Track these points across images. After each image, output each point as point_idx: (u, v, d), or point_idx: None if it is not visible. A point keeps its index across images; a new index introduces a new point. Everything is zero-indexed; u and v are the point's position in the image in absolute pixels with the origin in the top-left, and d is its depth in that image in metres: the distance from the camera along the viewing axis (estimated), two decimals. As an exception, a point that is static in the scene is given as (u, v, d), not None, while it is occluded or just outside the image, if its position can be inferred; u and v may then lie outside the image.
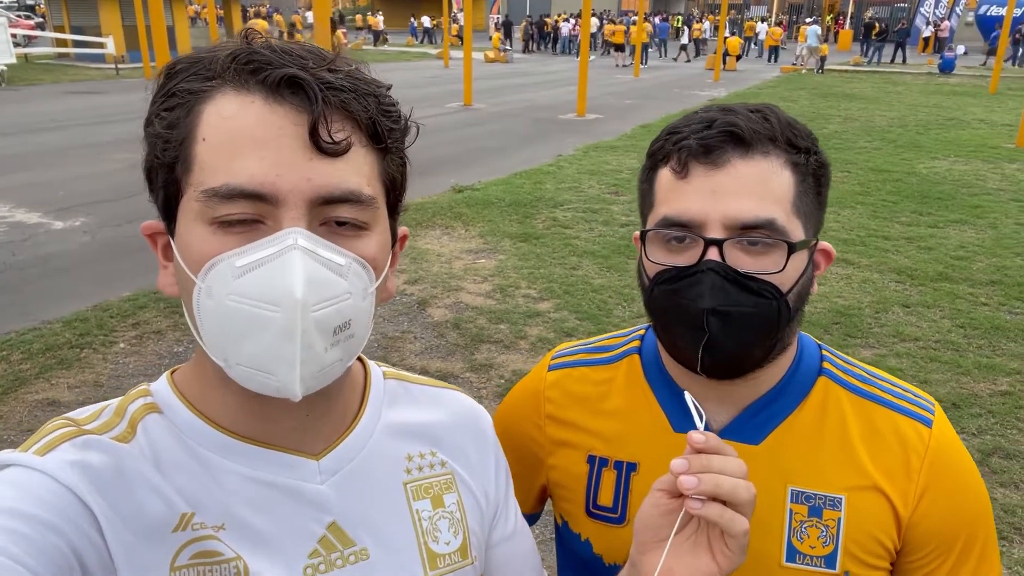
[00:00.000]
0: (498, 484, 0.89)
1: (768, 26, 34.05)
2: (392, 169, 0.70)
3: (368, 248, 0.67)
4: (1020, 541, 3.03)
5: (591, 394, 1.02)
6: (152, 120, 0.66)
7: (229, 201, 0.61)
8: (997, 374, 4.41)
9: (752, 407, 0.91)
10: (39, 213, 7.53)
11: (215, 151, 0.62)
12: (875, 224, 7.50)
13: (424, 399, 0.87)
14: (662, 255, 0.85)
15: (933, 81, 23.51)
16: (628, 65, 27.52)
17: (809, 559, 0.88)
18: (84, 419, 0.69)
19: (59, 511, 0.59)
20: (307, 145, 0.62)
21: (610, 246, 6.73)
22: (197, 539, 0.66)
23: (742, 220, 0.80)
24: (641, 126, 13.73)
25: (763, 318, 0.81)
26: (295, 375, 0.62)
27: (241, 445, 0.70)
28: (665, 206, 0.85)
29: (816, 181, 0.86)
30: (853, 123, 14.25)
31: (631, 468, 0.96)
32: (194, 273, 0.63)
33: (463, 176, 9.28)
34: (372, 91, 0.67)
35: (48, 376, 4.27)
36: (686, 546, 0.75)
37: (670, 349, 0.90)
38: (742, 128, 0.81)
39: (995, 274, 6.07)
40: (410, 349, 4.71)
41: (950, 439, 0.92)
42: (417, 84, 20.70)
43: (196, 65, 0.65)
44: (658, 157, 0.88)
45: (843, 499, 0.88)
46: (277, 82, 0.62)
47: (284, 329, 0.60)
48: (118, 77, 21.56)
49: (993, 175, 9.85)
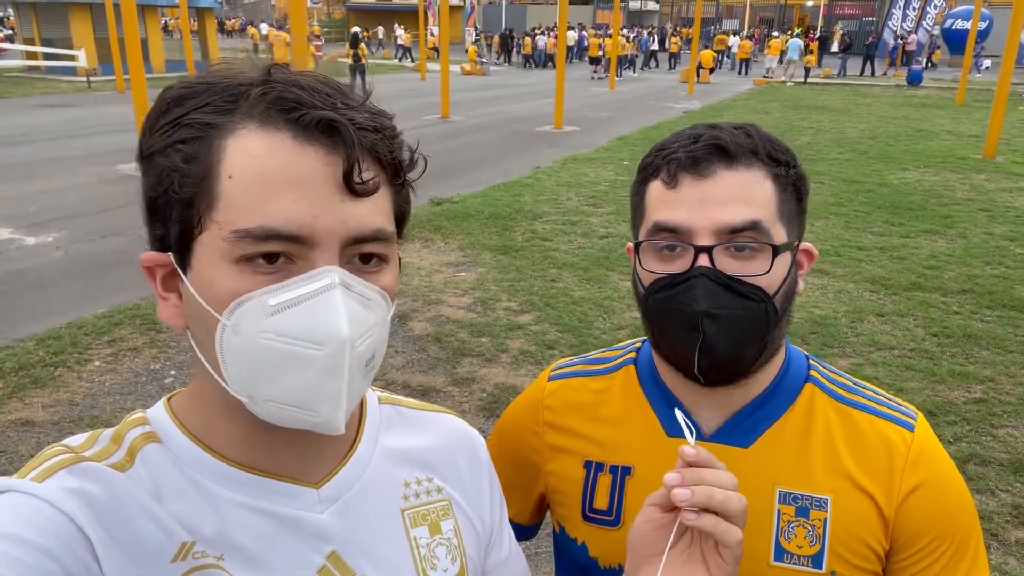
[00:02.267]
0: (492, 508, 0.89)
1: (739, 39, 34.58)
2: (402, 202, 0.71)
3: (388, 280, 0.68)
4: (997, 547, 3.09)
5: (588, 402, 1.05)
6: (162, 150, 0.64)
7: (263, 242, 0.61)
8: (971, 382, 4.49)
9: (742, 411, 0.95)
10: (10, 228, 7.40)
11: (245, 190, 0.61)
12: (849, 235, 7.62)
13: (418, 424, 0.87)
14: (656, 264, 0.90)
15: (901, 93, 24.01)
16: (604, 77, 27.77)
17: (796, 558, 0.91)
18: (80, 446, 0.68)
19: (56, 537, 0.59)
20: (339, 186, 0.62)
21: (589, 258, 6.76)
22: (197, 568, 0.66)
23: (729, 225, 0.85)
24: (618, 138, 13.85)
25: (752, 319, 0.86)
26: (340, 411, 0.63)
27: (241, 474, 0.70)
28: (656, 215, 0.90)
29: (796, 191, 0.92)
30: (825, 134, 14.50)
31: (626, 472, 0.99)
32: (217, 310, 0.62)
33: (442, 189, 9.28)
34: (393, 131, 0.68)
35: (21, 396, 4.18)
36: (681, 559, 0.76)
37: (666, 354, 0.94)
38: (727, 142, 0.87)
39: (966, 283, 6.20)
40: (391, 363, 4.68)
41: (932, 443, 0.95)
42: (394, 96, 20.69)
43: (207, 94, 0.64)
44: (649, 171, 0.93)
45: (829, 500, 0.91)
46: (311, 124, 0.62)
47: (330, 367, 0.61)
48: (90, 90, 21.30)
49: (962, 185, 10.07)
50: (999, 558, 3.03)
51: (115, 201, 8.39)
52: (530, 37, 36.40)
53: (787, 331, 0.95)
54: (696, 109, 19.01)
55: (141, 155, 0.66)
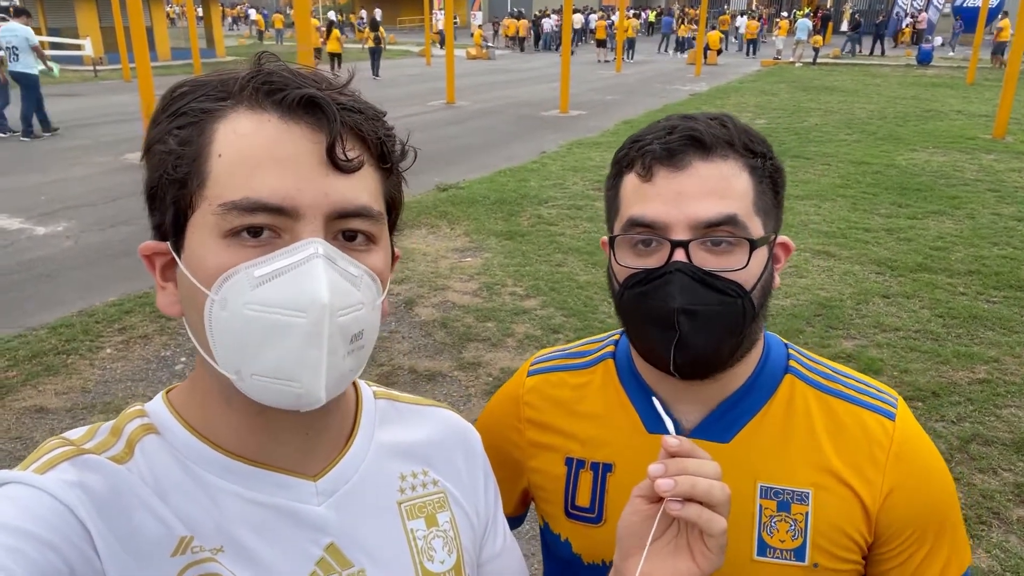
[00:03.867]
0: (487, 500, 0.90)
1: (747, 19, 34.23)
2: (393, 189, 0.73)
3: (376, 261, 0.69)
4: (999, 525, 3.11)
5: (568, 398, 1.04)
6: (161, 139, 0.67)
7: (249, 214, 0.63)
8: (975, 362, 4.50)
9: (721, 406, 0.94)
10: (21, 218, 7.47)
11: (233, 166, 0.64)
12: (855, 216, 7.60)
13: (414, 418, 0.88)
14: (630, 259, 0.88)
15: (911, 73, 23.74)
16: (610, 61, 27.58)
17: (779, 552, 0.90)
18: (79, 439, 0.69)
19: (57, 529, 0.59)
20: (323, 162, 0.64)
21: (595, 243, 6.76)
22: (197, 562, 0.66)
23: (705, 219, 0.84)
24: (624, 122, 13.77)
25: (730, 315, 0.84)
26: (320, 381, 0.63)
27: (239, 466, 0.71)
28: (631, 209, 0.88)
29: (773, 183, 0.90)
30: (833, 116, 14.37)
31: (607, 469, 0.98)
32: (206, 286, 0.64)
33: (447, 174, 9.29)
34: (378, 115, 0.70)
35: (35, 383, 4.25)
36: (667, 549, 0.77)
37: (642, 350, 0.93)
38: (702, 132, 0.86)
39: (973, 264, 6.18)
40: (398, 349, 4.73)
41: (913, 431, 0.94)
42: (399, 82, 20.65)
43: (206, 87, 0.67)
44: (623, 164, 0.91)
45: (810, 493, 0.91)
46: (294, 102, 0.64)
47: (311, 334, 0.62)
48: (96, 79, 21.33)
49: (970, 166, 10.00)
50: (1000, 536, 3.05)
51: (123, 191, 8.45)
52: (513, 19, 36.32)
53: (791, 313, 0.94)
54: (703, 91, 18.82)
55: (145, 150, 0.69)
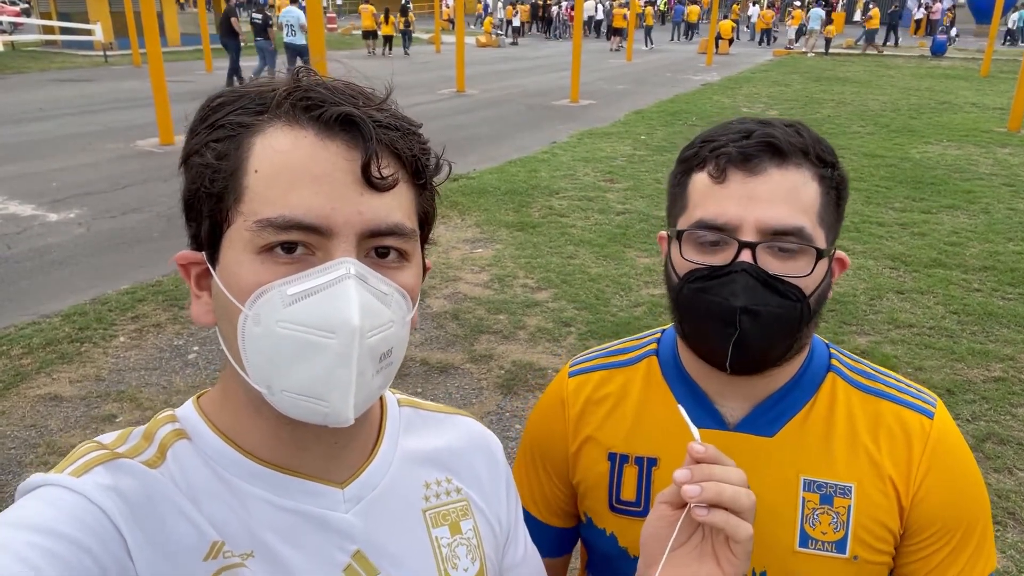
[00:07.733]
0: (509, 508, 0.91)
1: (760, 9, 33.93)
2: (426, 204, 0.73)
3: (408, 279, 0.69)
4: (1014, 525, 3.10)
5: (611, 394, 1.06)
6: (198, 150, 0.67)
7: (284, 231, 0.63)
8: (990, 360, 4.47)
9: (767, 402, 0.96)
10: (33, 205, 7.49)
11: (269, 183, 0.64)
12: (869, 211, 7.54)
13: (437, 426, 0.89)
14: (695, 255, 0.89)
15: (925, 64, 23.53)
16: (620, 49, 27.41)
17: (821, 544, 0.93)
18: (113, 443, 0.70)
19: (93, 532, 0.60)
20: (358, 180, 0.64)
21: (606, 234, 6.75)
22: (228, 567, 0.67)
23: (774, 226, 0.85)
24: (634, 112, 13.71)
25: (788, 318, 0.87)
26: (349, 401, 0.64)
27: (269, 472, 0.72)
28: (701, 209, 0.89)
29: (837, 195, 0.92)
30: (846, 107, 14.26)
31: (652, 463, 1.01)
32: (240, 301, 0.64)
33: (458, 164, 9.19)
34: (414, 130, 0.70)
35: (49, 371, 4.27)
36: (692, 555, 0.77)
37: (697, 345, 0.94)
38: (780, 140, 0.87)
39: (988, 260, 6.13)
40: (410, 340, 4.71)
41: (950, 429, 0.97)
42: (409, 70, 20.58)
43: (243, 99, 0.67)
44: (693, 163, 0.92)
45: (853, 487, 0.93)
46: (331, 119, 0.64)
47: (340, 355, 0.62)
48: (107, 64, 21.34)
49: (985, 159, 9.91)
50: (1016, 536, 3.04)
51: (134, 178, 8.46)
52: (512, 6, 36.10)
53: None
54: (715, 81, 18.69)
55: (182, 160, 0.69)
